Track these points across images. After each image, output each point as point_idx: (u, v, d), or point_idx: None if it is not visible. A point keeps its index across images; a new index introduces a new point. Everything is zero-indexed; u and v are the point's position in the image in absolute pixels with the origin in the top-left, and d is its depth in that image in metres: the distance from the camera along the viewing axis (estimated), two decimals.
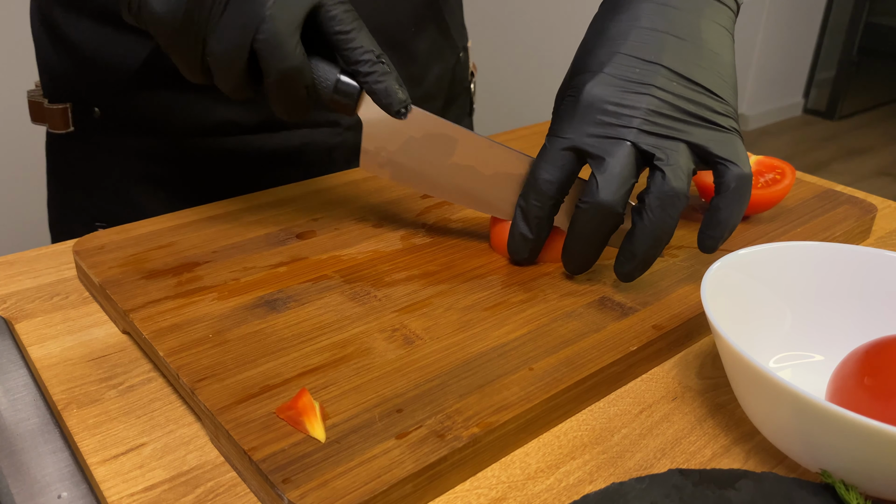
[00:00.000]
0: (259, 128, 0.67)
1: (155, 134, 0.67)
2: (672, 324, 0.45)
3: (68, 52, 0.66)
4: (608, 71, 0.46)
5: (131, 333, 0.45)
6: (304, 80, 0.45)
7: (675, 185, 0.44)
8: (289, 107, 0.47)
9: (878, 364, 0.36)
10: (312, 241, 0.54)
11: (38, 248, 0.56)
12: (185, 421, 0.39)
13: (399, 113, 0.48)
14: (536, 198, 0.48)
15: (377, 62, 0.46)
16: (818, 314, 0.44)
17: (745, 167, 0.45)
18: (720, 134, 0.45)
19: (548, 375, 0.40)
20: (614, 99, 0.45)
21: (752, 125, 3.64)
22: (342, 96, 0.48)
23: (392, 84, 0.47)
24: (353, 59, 0.46)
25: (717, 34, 0.47)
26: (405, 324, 0.44)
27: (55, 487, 0.34)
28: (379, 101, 0.47)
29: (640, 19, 0.47)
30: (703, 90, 0.46)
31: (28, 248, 0.56)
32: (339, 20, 0.45)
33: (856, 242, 0.60)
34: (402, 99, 0.47)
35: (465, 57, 0.82)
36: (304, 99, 0.47)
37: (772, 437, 0.37)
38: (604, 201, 0.44)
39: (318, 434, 0.35)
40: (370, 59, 0.46)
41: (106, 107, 0.66)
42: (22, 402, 0.39)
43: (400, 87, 0.47)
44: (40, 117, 0.69)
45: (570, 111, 0.47)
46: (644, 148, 0.44)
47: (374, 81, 0.46)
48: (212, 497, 0.35)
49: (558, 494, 0.35)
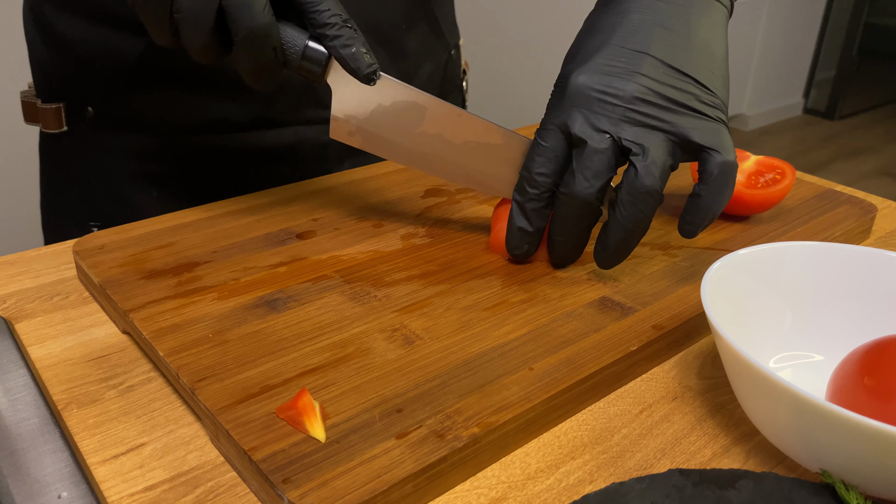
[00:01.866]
0: (251, 125, 0.68)
1: (147, 132, 0.67)
2: (672, 324, 0.45)
3: (60, 51, 0.66)
4: (595, 60, 0.46)
5: (131, 333, 0.45)
6: (271, 41, 0.45)
7: (647, 182, 0.44)
8: (256, 71, 0.47)
9: (878, 364, 0.36)
10: (312, 241, 0.54)
11: (38, 248, 0.56)
12: (185, 421, 0.39)
13: (367, 78, 0.47)
14: (531, 191, 0.48)
15: (343, 26, 0.46)
16: (818, 314, 0.44)
17: (729, 155, 0.45)
18: (705, 123, 0.45)
19: (548, 375, 0.40)
20: (599, 86, 0.46)
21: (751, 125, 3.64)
22: (310, 62, 0.47)
23: (360, 48, 0.46)
24: (319, 23, 0.46)
25: (708, 27, 0.47)
26: (405, 324, 0.44)
27: (55, 487, 0.34)
28: (347, 65, 0.47)
29: (630, 13, 0.47)
30: (691, 80, 0.46)
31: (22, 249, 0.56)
32: None
33: (856, 242, 0.60)
34: (370, 63, 0.47)
35: (456, 55, 0.82)
36: (271, 62, 0.46)
37: (772, 437, 0.37)
38: (579, 193, 0.45)
39: (318, 434, 0.35)
40: (336, 22, 0.46)
41: (99, 106, 0.67)
42: (22, 402, 0.39)
43: (367, 52, 0.47)
44: (33, 117, 0.70)
45: (557, 101, 0.47)
46: (624, 144, 0.45)
47: (342, 45, 0.46)
48: (212, 497, 0.35)
49: (558, 494, 0.35)
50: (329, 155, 0.72)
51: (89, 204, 0.71)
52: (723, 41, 0.48)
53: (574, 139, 0.46)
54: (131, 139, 0.68)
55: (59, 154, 0.71)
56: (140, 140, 0.68)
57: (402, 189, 0.62)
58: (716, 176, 0.45)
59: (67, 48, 0.65)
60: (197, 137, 0.67)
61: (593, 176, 0.45)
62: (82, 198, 0.71)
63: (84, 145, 0.69)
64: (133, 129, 0.67)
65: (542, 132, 0.47)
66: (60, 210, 0.74)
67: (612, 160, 0.45)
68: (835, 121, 3.79)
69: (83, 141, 0.69)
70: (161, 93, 0.65)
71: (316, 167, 0.70)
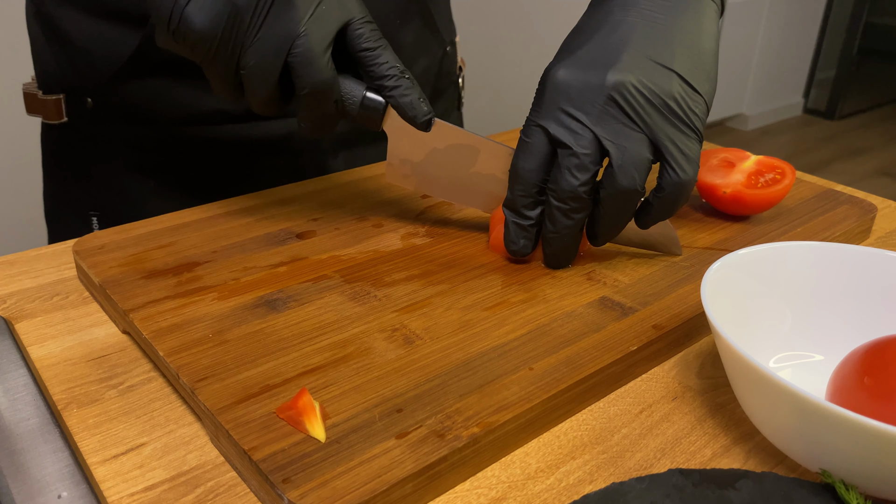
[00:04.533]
0: (246, 116, 0.68)
1: (145, 123, 0.68)
2: (672, 324, 0.45)
3: (61, 43, 0.67)
4: (575, 55, 0.47)
5: (131, 333, 0.45)
6: (333, 94, 0.48)
7: (624, 183, 0.45)
8: (317, 121, 0.49)
9: (878, 364, 0.36)
10: (312, 241, 0.54)
11: (38, 248, 0.56)
12: (185, 421, 0.39)
13: (424, 125, 0.50)
14: (520, 187, 0.49)
15: (401, 77, 0.49)
16: (818, 314, 0.44)
17: (688, 174, 0.46)
18: (678, 133, 0.45)
19: (548, 375, 0.40)
20: (578, 81, 0.46)
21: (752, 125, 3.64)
22: (368, 111, 0.50)
23: (416, 98, 0.49)
24: (378, 74, 0.48)
25: (695, 22, 0.47)
26: (405, 324, 0.44)
27: (55, 487, 0.34)
28: (404, 114, 0.50)
29: (614, 12, 0.48)
30: (675, 75, 0.45)
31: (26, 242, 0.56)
32: (367, 38, 0.48)
33: (856, 242, 0.60)
34: (427, 111, 0.50)
35: (452, 51, 0.83)
36: (332, 113, 0.49)
37: (772, 437, 0.37)
38: (565, 188, 0.46)
39: (318, 434, 0.35)
40: (395, 73, 0.49)
41: (98, 97, 0.68)
42: (22, 402, 0.39)
43: (424, 101, 0.50)
44: (35, 108, 0.71)
45: (539, 97, 0.48)
46: (602, 143, 0.45)
47: (400, 95, 0.49)
48: (212, 497, 0.35)
49: (558, 494, 0.35)
50: (323, 147, 0.72)
51: (89, 194, 0.72)
52: (711, 36, 0.48)
53: (553, 140, 0.46)
54: (129, 130, 0.68)
55: (60, 145, 0.72)
56: (138, 131, 0.68)
57: (402, 189, 0.62)
58: (667, 193, 0.46)
59: (67, 40, 0.66)
60: (192, 128, 0.68)
61: (578, 172, 0.46)
62: (82, 188, 0.72)
63: (83, 136, 0.70)
64: (131, 119, 0.68)
65: (525, 129, 0.48)
66: (61, 201, 0.75)
67: (595, 157, 0.46)
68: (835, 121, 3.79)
69: (83, 132, 0.70)
70: (158, 84, 0.66)
71: (310, 159, 0.71)
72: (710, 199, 0.59)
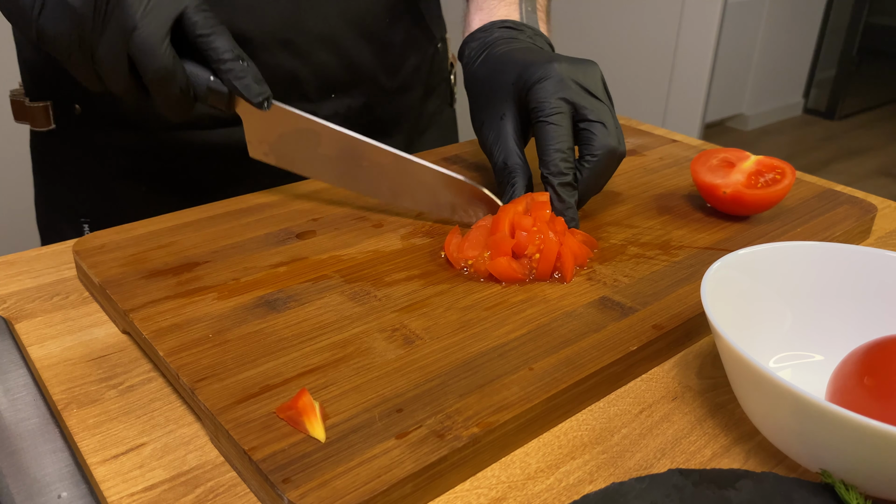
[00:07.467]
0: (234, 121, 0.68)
1: (133, 129, 0.68)
2: (672, 324, 0.45)
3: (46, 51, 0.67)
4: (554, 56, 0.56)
5: (131, 333, 0.45)
6: (177, 79, 0.50)
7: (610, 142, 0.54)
8: (169, 105, 0.52)
9: (878, 364, 0.36)
10: (312, 241, 0.54)
11: (37, 248, 0.56)
12: (185, 421, 0.39)
13: (260, 104, 0.53)
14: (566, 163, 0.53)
15: (234, 61, 0.51)
16: (818, 314, 0.44)
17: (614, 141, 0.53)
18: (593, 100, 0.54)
19: (548, 375, 0.40)
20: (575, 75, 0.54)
21: (752, 125, 3.64)
22: (215, 95, 0.52)
23: (249, 80, 0.52)
24: (213, 59, 0.51)
25: None
26: (405, 324, 0.44)
27: (55, 487, 0.34)
28: (241, 95, 0.52)
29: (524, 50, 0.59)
30: None
31: (18, 247, 0.56)
32: (200, 25, 0.50)
33: (856, 242, 0.60)
34: (259, 91, 0.52)
35: (443, 48, 0.84)
36: (180, 98, 0.51)
37: (772, 437, 0.37)
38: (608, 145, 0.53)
39: (318, 434, 0.35)
40: (228, 58, 0.51)
41: (85, 103, 0.68)
42: (22, 402, 0.39)
43: (258, 83, 0.52)
44: (22, 116, 0.71)
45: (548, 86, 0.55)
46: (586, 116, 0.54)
47: (234, 78, 0.51)
48: (212, 497, 0.35)
49: (558, 494, 0.35)
50: None
51: (80, 200, 0.72)
52: None
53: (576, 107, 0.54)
54: (118, 136, 0.69)
55: (49, 152, 0.72)
56: (127, 136, 0.69)
57: None
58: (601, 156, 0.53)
59: None
60: (183, 133, 0.68)
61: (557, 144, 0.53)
62: (73, 194, 0.72)
63: (72, 143, 0.70)
64: (119, 125, 0.68)
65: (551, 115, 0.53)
66: (52, 208, 0.75)
67: None
68: (835, 121, 3.79)
69: (71, 138, 0.70)
70: None
71: None
72: (710, 199, 0.59)
